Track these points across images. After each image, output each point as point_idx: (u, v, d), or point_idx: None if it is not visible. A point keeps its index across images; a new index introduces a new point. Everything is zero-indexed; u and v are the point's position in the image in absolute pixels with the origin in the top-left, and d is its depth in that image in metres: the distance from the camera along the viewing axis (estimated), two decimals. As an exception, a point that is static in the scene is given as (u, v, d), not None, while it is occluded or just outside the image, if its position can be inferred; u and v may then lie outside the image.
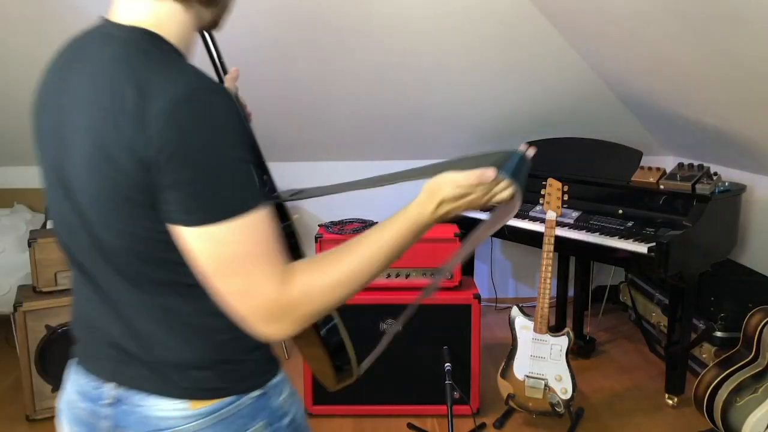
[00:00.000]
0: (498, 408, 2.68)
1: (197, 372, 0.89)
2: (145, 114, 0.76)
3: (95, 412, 0.94)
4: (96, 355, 0.95)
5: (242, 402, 0.91)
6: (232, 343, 0.90)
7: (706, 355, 2.79)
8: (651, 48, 2.39)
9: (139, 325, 0.89)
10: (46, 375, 2.66)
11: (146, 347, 0.89)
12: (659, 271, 2.50)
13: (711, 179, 2.65)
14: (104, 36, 0.90)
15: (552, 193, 2.51)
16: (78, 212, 0.87)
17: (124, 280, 0.88)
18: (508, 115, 3.44)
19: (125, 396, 0.91)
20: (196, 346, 0.89)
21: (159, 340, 0.89)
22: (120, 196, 0.80)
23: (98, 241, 0.87)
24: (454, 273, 2.62)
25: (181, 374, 0.89)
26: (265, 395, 0.94)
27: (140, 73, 0.79)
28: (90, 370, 0.96)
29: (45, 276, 2.67)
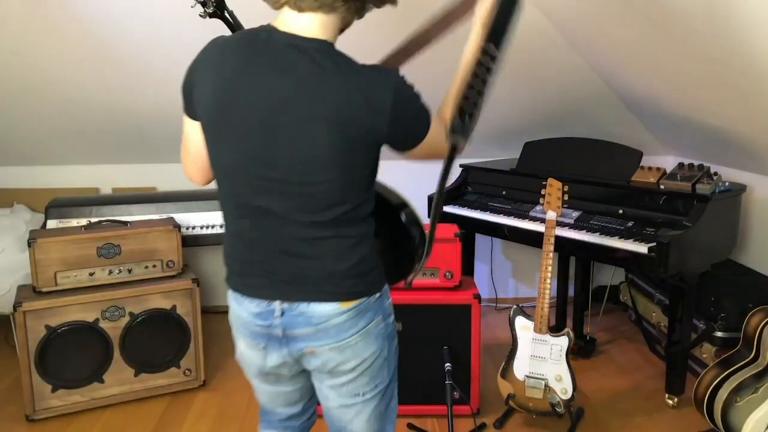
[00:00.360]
0: (498, 408, 2.68)
1: (347, 282, 1.28)
2: (376, 107, 1.19)
3: (269, 324, 1.31)
4: (263, 285, 1.29)
5: (369, 301, 1.32)
6: (370, 261, 1.32)
7: (706, 355, 2.79)
8: (651, 48, 2.39)
9: (312, 252, 1.26)
10: (46, 375, 2.65)
11: (313, 269, 1.27)
12: (659, 271, 2.50)
13: (711, 179, 2.65)
14: (294, 46, 1.20)
15: (552, 193, 2.51)
16: (281, 173, 1.21)
17: (312, 221, 1.24)
18: (508, 115, 3.44)
19: (290, 307, 1.29)
20: (351, 263, 1.28)
21: (325, 262, 1.27)
22: (349, 155, 1.21)
23: (300, 194, 1.22)
24: (455, 273, 2.62)
25: (335, 285, 1.28)
26: (381, 297, 1.36)
27: (360, 82, 1.19)
28: (258, 296, 1.31)
29: (45, 276, 2.67)
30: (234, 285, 1.35)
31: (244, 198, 1.27)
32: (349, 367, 1.33)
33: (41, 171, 3.70)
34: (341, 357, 1.31)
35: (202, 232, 3.19)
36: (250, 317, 1.33)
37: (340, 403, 1.39)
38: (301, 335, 1.30)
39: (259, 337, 1.34)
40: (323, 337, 1.29)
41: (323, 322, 1.28)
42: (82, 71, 2.92)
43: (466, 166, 3.49)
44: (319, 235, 1.26)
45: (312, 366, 1.36)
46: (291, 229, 1.26)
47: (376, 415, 1.43)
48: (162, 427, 2.63)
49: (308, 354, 1.32)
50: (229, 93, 1.21)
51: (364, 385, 1.37)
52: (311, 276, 1.28)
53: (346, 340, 1.30)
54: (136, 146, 3.56)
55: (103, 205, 3.20)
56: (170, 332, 2.85)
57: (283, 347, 1.33)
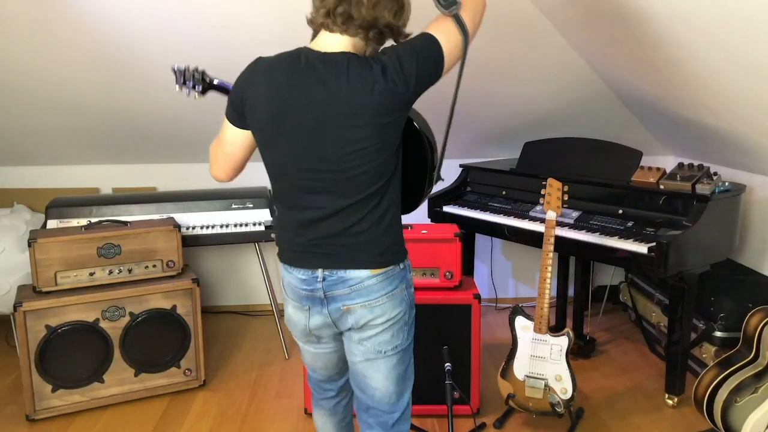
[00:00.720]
0: (498, 408, 2.68)
1: (379, 252, 1.55)
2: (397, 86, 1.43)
3: (313, 288, 1.58)
4: (308, 257, 1.57)
5: (395, 269, 1.58)
6: (399, 234, 1.60)
7: (706, 355, 2.79)
8: (651, 48, 2.39)
9: (351, 229, 1.52)
10: (46, 375, 2.65)
11: (351, 242, 1.53)
12: (659, 271, 2.50)
13: (711, 179, 2.65)
14: (327, 61, 1.46)
15: (552, 193, 2.51)
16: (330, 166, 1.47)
17: (351, 203, 1.50)
18: (508, 115, 3.44)
19: (330, 274, 1.56)
20: (386, 236, 1.56)
21: (363, 236, 1.53)
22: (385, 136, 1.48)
23: (346, 180, 1.48)
24: (455, 273, 2.62)
25: (369, 255, 1.54)
26: (404, 269, 1.62)
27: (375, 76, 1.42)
28: (303, 266, 1.58)
29: (45, 276, 2.67)
30: (285, 259, 1.63)
31: (296, 190, 1.54)
32: (377, 322, 1.58)
33: (41, 171, 3.71)
34: (371, 314, 1.57)
35: (202, 232, 3.19)
36: (298, 283, 1.60)
37: (365, 357, 1.62)
38: (339, 295, 1.57)
39: (305, 299, 1.61)
40: (357, 296, 1.56)
41: (357, 284, 1.55)
42: (82, 71, 2.92)
43: (466, 166, 3.49)
44: (357, 213, 1.52)
45: (347, 325, 1.60)
46: (333, 211, 1.52)
47: (395, 375, 1.64)
48: (162, 427, 2.63)
49: (345, 312, 1.58)
50: (282, 104, 1.47)
51: (386, 342, 1.60)
52: (349, 248, 1.55)
53: (376, 299, 1.56)
54: (136, 146, 3.56)
55: (103, 205, 3.20)
56: (170, 332, 2.85)
57: (324, 307, 1.59)
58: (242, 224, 3.26)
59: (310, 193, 1.53)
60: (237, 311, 3.95)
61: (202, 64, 2.89)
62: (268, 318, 3.82)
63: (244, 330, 3.67)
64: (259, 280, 3.90)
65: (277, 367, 3.18)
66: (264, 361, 3.25)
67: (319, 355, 1.75)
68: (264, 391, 2.93)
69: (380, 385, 1.64)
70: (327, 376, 1.81)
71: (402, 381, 1.67)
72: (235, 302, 3.98)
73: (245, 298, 3.97)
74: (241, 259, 3.91)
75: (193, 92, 2.29)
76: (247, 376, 3.07)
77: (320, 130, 1.46)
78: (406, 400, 1.70)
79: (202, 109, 3.24)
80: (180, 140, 3.52)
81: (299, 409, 2.74)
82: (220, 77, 2.37)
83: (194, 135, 3.47)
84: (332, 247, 1.55)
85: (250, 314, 3.90)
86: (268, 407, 2.78)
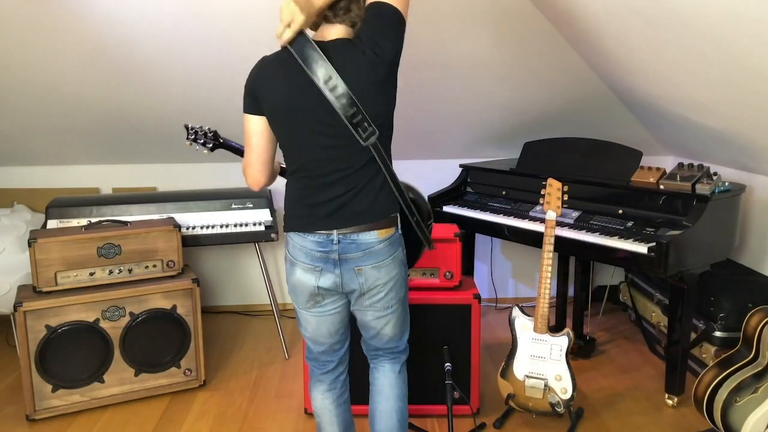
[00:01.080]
0: (498, 408, 2.68)
1: (384, 216, 1.79)
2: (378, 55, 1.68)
3: (328, 250, 1.78)
4: (321, 221, 1.76)
5: (395, 234, 1.83)
6: (397, 202, 1.82)
7: (706, 355, 2.79)
8: (651, 48, 2.39)
9: (362, 192, 1.76)
10: (46, 375, 2.66)
11: (363, 206, 1.76)
12: (659, 271, 2.50)
13: (711, 179, 2.65)
14: (329, 47, 1.70)
15: (552, 193, 2.51)
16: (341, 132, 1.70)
17: (373, 166, 1.75)
18: (508, 115, 3.44)
19: (344, 236, 1.77)
20: (387, 202, 1.80)
21: (371, 200, 1.77)
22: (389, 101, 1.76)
23: (353, 148, 1.72)
24: (455, 273, 2.62)
25: (376, 218, 1.78)
26: (400, 235, 1.86)
27: (363, 49, 1.68)
28: (318, 230, 1.77)
29: (45, 276, 2.67)
30: (298, 227, 1.80)
31: (311, 162, 1.75)
32: (382, 282, 1.83)
33: (41, 171, 3.71)
34: (378, 274, 1.81)
35: (202, 232, 3.19)
36: (313, 246, 1.79)
37: (376, 316, 1.89)
38: (352, 258, 1.79)
39: (318, 261, 1.80)
40: (368, 258, 1.79)
41: (369, 247, 1.78)
42: (82, 72, 2.92)
43: (466, 166, 3.49)
44: (363, 180, 1.76)
45: (354, 286, 1.82)
46: (343, 178, 1.75)
47: (400, 321, 1.95)
48: (162, 427, 2.63)
49: (356, 272, 1.80)
50: (296, 89, 1.69)
51: (392, 299, 1.88)
52: (357, 213, 1.77)
53: (383, 261, 1.81)
54: (136, 146, 3.56)
55: (103, 205, 3.20)
56: (170, 332, 2.85)
57: (336, 268, 1.80)
58: (242, 224, 3.26)
59: (323, 161, 1.74)
60: (237, 311, 3.95)
61: (201, 64, 2.90)
62: (268, 318, 3.82)
63: (244, 330, 3.67)
64: (259, 280, 3.91)
65: (277, 367, 3.18)
66: (264, 361, 3.25)
67: (323, 320, 1.90)
68: (264, 391, 2.93)
69: (389, 331, 1.94)
70: (329, 345, 1.96)
71: (404, 323, 1.98)
72: (235, 302, 3.98)
73: (245, 298, 3.97)
74: (241, 259, 3.91)
75: (203, 148, 2.42)
76: (247, 376, 3.07)
77: (329, 106, 1.67)
78: (407, 337, 2.03)
79: (203, 110, 3.25)
80: (180, 140, 3.50)
81: (299, 409, 2.75)
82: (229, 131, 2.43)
83: (194, 135, 3.47)
84: (344, 213, 1.76)
85: (250, 314, 3.90)
86: (268, 407, 2.78)
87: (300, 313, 1.92)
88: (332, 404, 2.03)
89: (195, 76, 2.98)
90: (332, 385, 2.02)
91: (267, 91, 1.73)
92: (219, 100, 3.17)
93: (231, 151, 2.40)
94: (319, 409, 2.04)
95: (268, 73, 1.74)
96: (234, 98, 3.16)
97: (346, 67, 1.66)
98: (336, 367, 2.01)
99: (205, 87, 3.06)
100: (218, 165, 3.75)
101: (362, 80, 1.67)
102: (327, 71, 1.66)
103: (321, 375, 2.02)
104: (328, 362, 2.00)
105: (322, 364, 2.00)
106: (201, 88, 3.07)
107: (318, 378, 2.02)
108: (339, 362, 2.02)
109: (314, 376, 2.03)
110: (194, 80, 3.01)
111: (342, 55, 1.68)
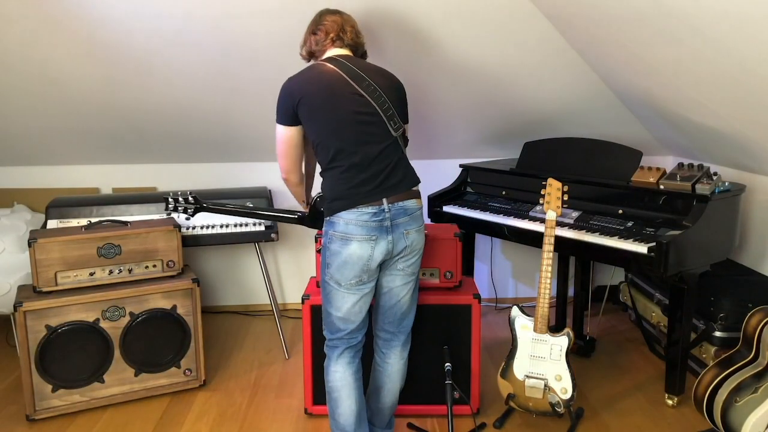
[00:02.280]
0: (498, 408, 2.68)
1: (416, 185, 2.16)
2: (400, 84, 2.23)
3: (381, 218, 2.05)
4: (373, 195, 2.04)
5: (421, 207, 2.19)
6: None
7: (706, 355, 2.79)
8: (651, 48, 2.39)
9: (397, 167, 2.10)
10: (46, 375, 2.66)
11: (401, 177, 2.10)
12: (659, 271, 2.50)
13: (711, 179, 2.65)
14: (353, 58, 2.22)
15: (552, 193, 2.51)
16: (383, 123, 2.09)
17: (399, 146, 2.13)
18: (508, 115, 3.44)
19: (392, 205, 2.07)
20: (414, 175, 2.17)
21: (405, 173, 2.12)
22: (402, 102, 2.22)
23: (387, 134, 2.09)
24: (455, 273, 2.62)
25: (413, 189, 2.14)
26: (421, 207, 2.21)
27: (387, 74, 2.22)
28: (369, 202, 2.04)
29: (45, 276, 2.67)
30: (353, 204, 2.04)
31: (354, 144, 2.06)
32: (419, 246, 2.16)
33: (41, 171, 3.71)
34: (419, 237, 2.15)
35: (202, 232, 3.19)
36: (368, 217, 2.03)
37: (404, 282, 2.17)
38: (401, 222, 2.08)
39: (374, 230, 2.04)
40: (413, 222, 2.12)
41: (413, 212, 2.12)
42: (82, 71, 2.92)
43: (465, 166, 3.49)
44: (398, 157, 2.11)
45: (400, 248, 2.10)
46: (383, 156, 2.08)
47: (416, 291, 2.26)
48: (162, 427, 2.63)
49: (405, 235, 2.09)
50: (328, 94, 2.07)
51: (418, 265, 2.19)
52: (400, 183, 2.09)
53: (421, 227, 2.16)
54: (136, 146, 3.56)
55: (103, 205, 3.20)
56: (170, 332, 2.85)
57: (389, 234, 2.06)
58: (242, 224, 3.27)
59: (365, 144, 2.06)
60: (237, 311, 3.95)
61: (201, 63, 2.90)
62: (268, 318, 3.82)
63: (244, 330, 3.67)
64: (259, 280, 3.91)
65: (277, 367, 3.18)
66: (264, 361, 3.25)
67: (363, 298, 2.13)
68: (264, 391, 2.93)
69: (407, 299, 2.21)
70: (358, 323, 2.16)
71: (417, 297, 2.29)
72: (235, 302, 3.98)
73: (245, 298, 3.97)
74: (241, 259, 3.91)
75: (183, 215, 2.62)
76: (247, 376, 3.07)
77: (363, 102, 2.08)
78: (414, 315, 2.30)
79: (203, 110, 3.25)
80: (180, 140, 3.52)
81: (299, 409, 2.75)
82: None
83: (194, 135, 3.47)
84: (390, 184, 2.06)
85: (250, 314, 3.90)
86: (268, 407, 2.78)
87: (337, 293, 2.11)
88: (352, 377, 2.19)
89: (195, 76, 2.98)
90: (353, 359, 2.20)
91: (307, 99, 2.09)
92: (219, 100, 3.17)
93: (214, 213, 2.64)
94: (339, 382, 2.18)
95: (306, 84, 2.13)
96: (234, 98, 3.17)
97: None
98: (359, 342, 2.21)
99: (205, 87, 3.06)
100: (218, 165, 3.75)
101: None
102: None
103: (345, 350, 2.18)
104: (356, 339, 2.19)
105: (350, 340, 2.18)
106: (201, 88, 3.07)
107: (340, 353, 2.19)
108: (362, 339, 2.22)
109: (335, 353, 2.19)
110: (194, 80, 3.01)
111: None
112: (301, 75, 2.13)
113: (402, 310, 2.22)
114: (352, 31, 2.23)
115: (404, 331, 2.28)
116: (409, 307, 2.25)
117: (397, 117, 2.11)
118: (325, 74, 2.10)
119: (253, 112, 3.25)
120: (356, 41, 2.24)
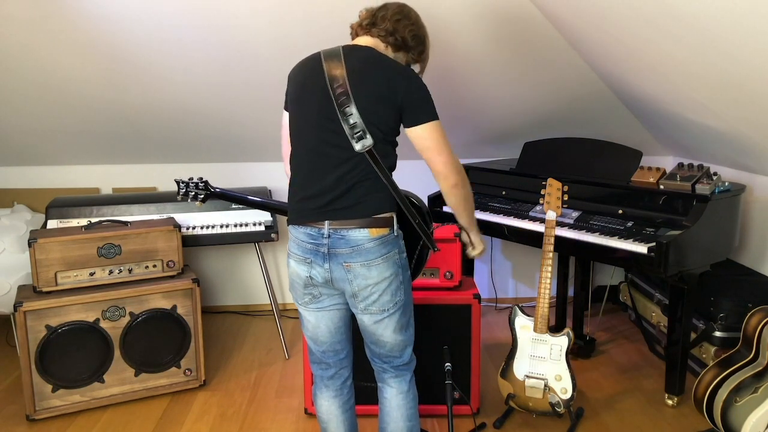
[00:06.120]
0: (498, 408, 2.68)
1: (378, 214, 1.78)
2: (398, 85, 1.76)
3: (318, 243, 1.79)
4: (313, 214, 1.79)
5: (390, 234, 1.80)
6: (392, 201, 1.82)
7: (706, 355, 2.79)
8: (651, 48, 2.39)
9: (354, 189, 1.76)
10: (46, 375, 2.66)
11: (354, 201, 1.77)
12: (659, 271, 2.50)
13: (711, 179, 2.65)
14: (354, 50, 1.83)
15: (552, 193, 2.51)
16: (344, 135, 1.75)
17: (365, 164, 1.76)
18: (508, 115, 3.45)
19: (335, 231, 1.77)
20: (381, 200, 1.79)
21: (363, 197, 1.77)
22: (389, 110, 1.76)
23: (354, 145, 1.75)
24: (455, 273, 2.62)
25: (368, 215, 1.77)
26: (397, 237, 1.84)
27: (388, 71, 1.77)
28: (309, 223, 1.80)
29: (45, 276, 2.67)
30: (295, 220, 1.84)
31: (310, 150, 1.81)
32: (374, 281, 1.79)
33: (41, 171, 3.71)
34: (368, 272, 1.78)
35: (202, 232, 3.19)
36: (305, 237, 1.81)
37: (373, 321, 1.85)
38: (341, 253, 1.78)
39: (309, 252, 1.81)
40: (356, 256, 1.77)
41: (357, 244, 1.77)
42: (82, 72, 2.92)
43: (466, 166, 3.48)
44: (360, 177, 1.77)
45: (344, 284, 1.81)
46: (341, 172, 1.77)
47: (399, 326, 1.89)
48: (162, 427, 2.63)
49: (345, 269, 1.78)
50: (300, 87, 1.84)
51: (387, 302, 1.83)
52: (350, 209, 1.77)
53: (373, 260, 1.78)
54: (137, 146, 3.56)
55: (103, 205, 3.20)
56: (170, 332, 2.85)
57: (326, 262, 1.80)
58: (242, 224, 3.27)
59: (322, 155, 1.80)
60: (237, 311, 3.95)
61: (202, 63, 2.90)
62: (268, 318, 3.82)
63: (244, 330, 3.67)
64: (259, 280, 3.91)
65: (277, 367, 3.18)
66: (264, 361, 3.25)
67: (321, 315, 1.90)
68: (264, 391, 2.93)
69: (388, 337, 1.88)
70: (330, 344, 1.94)
71: (405, 331, 1.92)
72: (235, 302, 3.98)
73: (245, 298, 3.97)
74: (241, 259, 3.91)
75: (194, 201, 2.51)
76: (247, 376, 3.07)
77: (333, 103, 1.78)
78: (411, 350, 1.97)
79: (203, 110, 3.25)
80: (180, 140, 3.52)
81: (299, 409, 2.75)
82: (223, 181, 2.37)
83: (194, 135, 3.47)
84: (335, 208, 1.78)
85: (250, 314, 3.90)
86: (268, 407, 2.78)
87: (300, 311, 1.93)
88: (339, 410, 2.01)
89: (195, 76, 2.98)
90: (339, 391, 2.00)
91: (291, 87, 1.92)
92: (219, 100, 3.17)
93: (224, 200, 2.53)
94: (326, 415, 2.01)
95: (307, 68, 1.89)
96: (234, 97, 3.17)
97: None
98: (339, 370, 1.99)
99: (205, 87, 3.06)
100: (218, 165, 3.75)
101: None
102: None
103: (326, 380, 2.00)
104: (331, 366, 1.98)
105: (326, 367, 1.98)
106: (201, 88, 3.07)
107: (324, 384, 2.00)
108: (342, 366, 1.99)
109: (320, 382, 2.01)
110: (195, 80, 3.01)
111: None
112: (301, 61, 1.90)
113: (386, 348, 1.91)
114: (383, 18, 1.88)
115: (393, 364, 1.95)
116: (394, 344, 1.91)
117: (375, 128, 1.75)
118: (308, 64, 1.84)
119: (254, 112, 3.25)
120: (387, 29, 1.88)
